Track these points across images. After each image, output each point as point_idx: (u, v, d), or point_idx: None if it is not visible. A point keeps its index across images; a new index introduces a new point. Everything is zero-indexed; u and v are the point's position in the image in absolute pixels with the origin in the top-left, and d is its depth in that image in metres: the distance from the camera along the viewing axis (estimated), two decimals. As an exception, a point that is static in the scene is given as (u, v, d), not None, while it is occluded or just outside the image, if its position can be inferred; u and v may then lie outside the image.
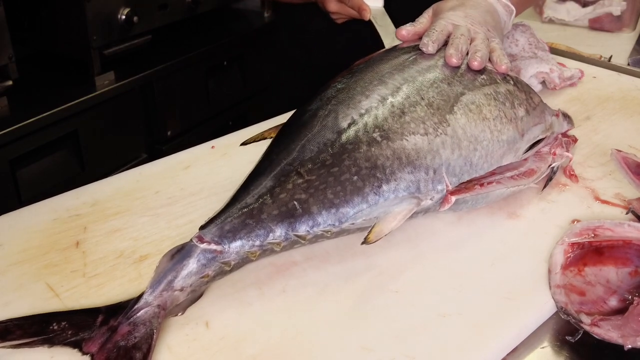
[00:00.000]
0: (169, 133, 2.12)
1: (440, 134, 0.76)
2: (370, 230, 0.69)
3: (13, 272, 0.73)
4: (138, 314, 0.64)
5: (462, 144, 0.77)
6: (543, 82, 1.18)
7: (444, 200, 0.76)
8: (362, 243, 0.69)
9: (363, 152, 0.72)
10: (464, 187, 0.77)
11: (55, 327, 0.64)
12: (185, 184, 0.89)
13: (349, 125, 0.74)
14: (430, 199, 0.75)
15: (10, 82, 1.60)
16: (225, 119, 2.31)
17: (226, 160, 0.96)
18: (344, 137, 0.73)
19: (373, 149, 0.73)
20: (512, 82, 0.86)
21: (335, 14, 1.20)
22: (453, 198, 0.76)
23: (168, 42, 2.10)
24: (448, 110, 0.78)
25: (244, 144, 0.86)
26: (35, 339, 0.63)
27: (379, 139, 0.74)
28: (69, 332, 0.64)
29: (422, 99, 0.78)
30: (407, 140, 0.74)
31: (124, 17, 1.84)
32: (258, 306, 0.69)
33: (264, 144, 0.79)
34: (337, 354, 0.63)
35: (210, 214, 0.82)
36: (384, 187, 0.72)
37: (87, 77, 1.84)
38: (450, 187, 0.76)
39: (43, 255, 0.76)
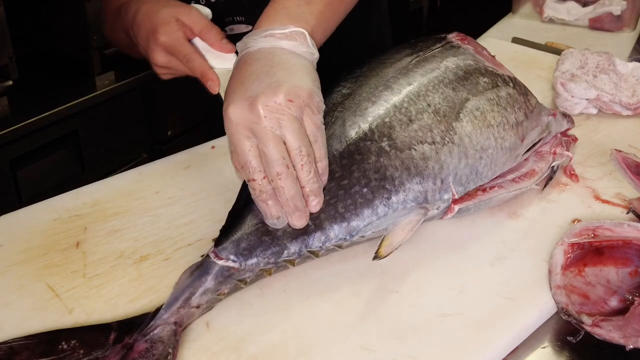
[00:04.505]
0: (169, 133, 2.12)
1: (448, 142, 0.76)
2: (380, 244, 0.69)
3: (13, 273, 0.73)
4: (155, 331, 0.63)
5: (468, 153, 0.77)
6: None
7: (447, 209, 0.76)
8: (374, 259, 0.68)
9: (372, 162, 0.72)
10: (466, 195, 0.77)
11: (65, 347, 0.62)
12: (185, 184, 0.89)
13: (357, 134, 0.74)
14: (437, 209, 0.75)
15: (10, 82, 1.60)
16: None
17: (226, 160, 0.94)
18: (352, 147, 0.73)
19: (382, 159, 0.72)
20: (511, 84, 0.86)
21: (162, 68, 0.89)
22: (456, 207, 0.76)
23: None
24: (454, 117, 0.77)
25: None
26: (44, 359, 0.61)
27: (387, 148, 0.73)
28: (81, 352, 0.62)
29: (429, 105, 0.77)
30: (415, 149, 0.74)
31: (123, 17, 1.84)
32: (258, 306, 0.69)
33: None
34: (337, 354, 0.63)
35: (211, 214, 0.83)
36: (394, 198, 0.71)
37: (87, 77, 1.84)
38: (456, 196, 0.76)
39: (43, 255, 0.76)
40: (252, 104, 0.67)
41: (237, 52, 0.79)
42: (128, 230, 0.80)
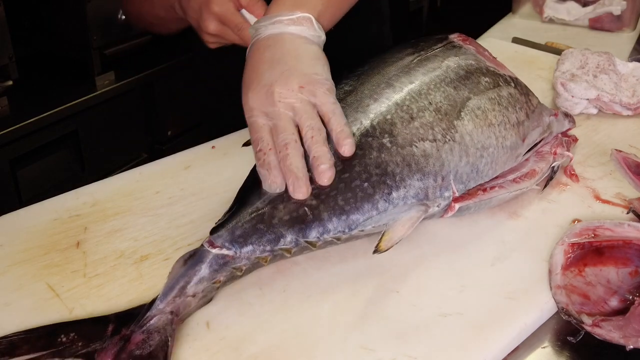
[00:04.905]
0: (169, 133, 2.13)
1: (449, 140, 0.76)
2: (380, 238, 0.69)
3: (13, 273, 0.73)
4: (151, 322, 0.63)
5: (469, 151, 0.77)
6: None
7: (447, 208, 0.76)
8: (374, 252, 0.68)
9: (373, 158, 0.72)
10: (467, 194, 0.77)
11: (64, 339, 0.62)
12: (185, 184, 0.89)
13: (358, 130, 0.74)
14: (437, 206, 0.75)
15: (10, 82, 1.61)
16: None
17: (227, 160, 0.95)
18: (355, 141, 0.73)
19: (383, 155, 0.72)
20: (512, 84, 0.86)
21: (212, 36, 0.95)
22: (456, 206, 0.76)
23: (168, 42, 2.10)
24: (455, 116, 0.78)
25: (246, 144, 0.85)
26: (44, 352, 0.61)
27: (388, 145, 0.73)
28: (80, 344, 0.62)
29: (430, 104, 0.78)
30: (417, 146, 0.74)
31: (124, 17, 1.84)
32: (258, 306, 0.69)
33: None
34: (337, 354, 0.63)
35: (211, 214, 0.82)
36: (394, 194, 0.71)
37: (87, 77, 1.84)
38: (457, 194, 0.76)
39: (43, 255, 0.76)
40: (268, 91, 0.73)
41: None
42: (128, 230, 0.80)
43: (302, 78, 0.73)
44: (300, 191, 0.69)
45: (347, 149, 0.71)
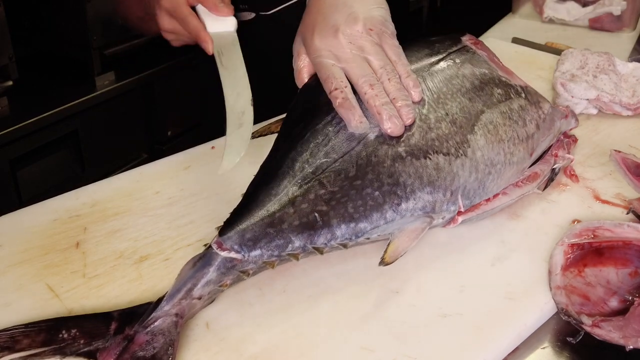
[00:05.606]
0: (169, 133, 2.12)
1: (461, 155, 0.75)
2: (386, 250, 0.69)
3: (13, 273, 0.73)
4: (156, 323, 0.63)
5: (479, 167, 0.76)
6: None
7: (450, 220, 0.76)
8: (380, 264, 0.68)
9: (387, 167, 0.72)
10: (471, 206, 0.77)
11: (66, 336, 0.61)
12: (185, 184, 0.89)
13: (375, 136, 0.73)
14: (442, 219, 0.75)
15: (10, 82, 1.61)
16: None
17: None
18: (370, 149, 0.72)
19: (397, 164, 0.72)
20: (523, 94, 0.85)
21: (170, 33, 0.96)
22: (460, 219, 0.76)
23: (168, 42, 2.10)
24: (469, 129, 0.77)
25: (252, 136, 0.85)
26: (45, 349, 0.61)
27: (403, 154, 0.73)
28: (81, 341, 0.61)
29: (447, 114, 0.77)
30: (430, 159, 0.73)
31: (124, 17, 1.84)
32: (258, 307, 0.69)
33: (265, 144, 0.79)
34: (337, 354, 0.63)
35: (211, 214, 0.83)
36: (403, 205, 0.71)
37: (87, 77, 1.84)
38: (463, 209, 0.76)
39: (43, 255, 0.76)
40: (335, 32, 0.76)
41: (236, 15, 0.88)
42: (128, 231, 0.80)
43: (368, 21, 0.77)
44: (398, 128, 0.72)
45: (416, 95, 0.76)
